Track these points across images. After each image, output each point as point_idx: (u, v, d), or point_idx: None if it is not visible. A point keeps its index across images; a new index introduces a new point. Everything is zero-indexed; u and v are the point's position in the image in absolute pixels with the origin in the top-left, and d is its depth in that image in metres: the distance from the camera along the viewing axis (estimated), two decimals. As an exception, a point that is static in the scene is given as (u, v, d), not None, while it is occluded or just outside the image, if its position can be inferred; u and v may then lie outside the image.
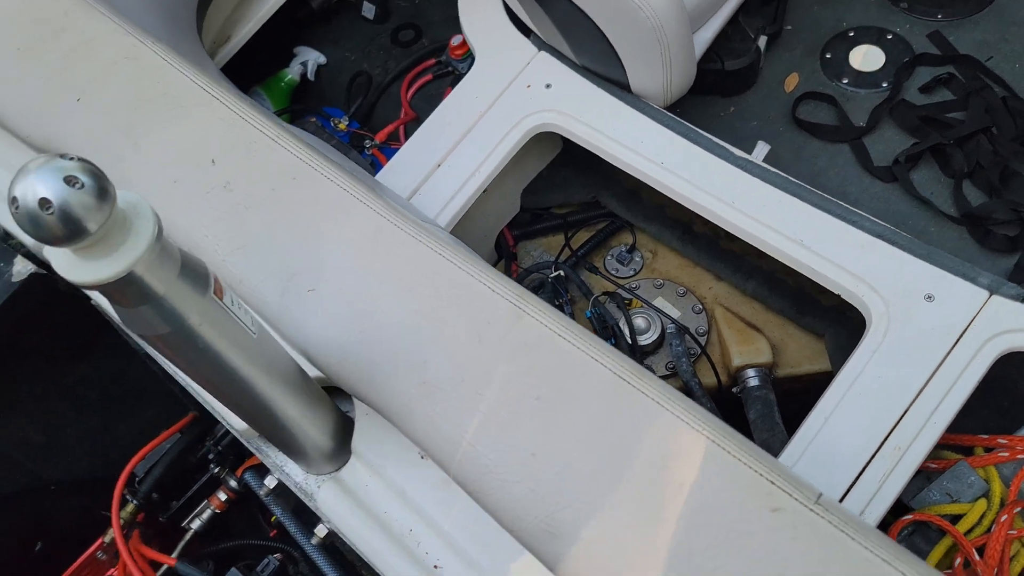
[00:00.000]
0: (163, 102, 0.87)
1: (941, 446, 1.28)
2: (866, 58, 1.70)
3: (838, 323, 1.43)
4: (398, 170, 1.46)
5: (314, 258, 0.75)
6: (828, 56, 1.73)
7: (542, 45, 1.52)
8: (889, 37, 1.72)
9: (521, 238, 1.70)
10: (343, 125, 1.70)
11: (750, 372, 1.45)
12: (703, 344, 1.51)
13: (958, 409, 1.12)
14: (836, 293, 1.26)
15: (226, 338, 0.60)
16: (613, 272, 1.63)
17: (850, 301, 1.25)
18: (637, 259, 1.64)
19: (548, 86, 1.48)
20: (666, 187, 1.38)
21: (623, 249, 1.64)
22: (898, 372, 1.16)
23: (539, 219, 1.70)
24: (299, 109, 1.83)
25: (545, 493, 0.62)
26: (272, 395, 0.68)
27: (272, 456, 0.82)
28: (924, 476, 1.25)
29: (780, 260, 1.30)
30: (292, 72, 1.89)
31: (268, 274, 0.75)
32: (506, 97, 1.49)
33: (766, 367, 1.46)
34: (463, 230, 1.48)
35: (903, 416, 1.13)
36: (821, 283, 1.27)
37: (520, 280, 1.61)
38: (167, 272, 0.55)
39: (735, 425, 1.41)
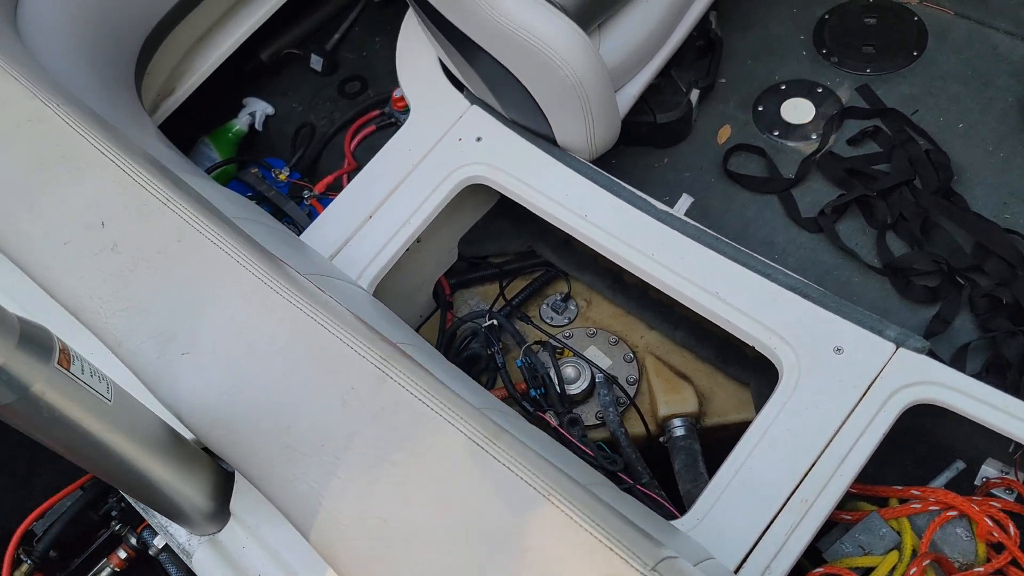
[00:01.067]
0: (62, 164, 0.89)
1: (857, 497, 1.30)
2: (796, 111, 1.75)
3: (761, 373, 1.45)
4: (330, 222, 1.48)
5: (192, 321, 0.76)
6: (760, 109, 1.77)
7: (474, 99, 1.55)
8: (819, 90, 1.77)
9: (458, 287, 1.72)
10: (283, 176, 1.73)
11: (676, 422, 1.46)
12: (632, 394, 1.52)
13: (864, 462, 1.14)
14: (751, 344, 1.28)
15: (76, 406, 0.61)
16: (548, 320, 1.65)
17: (763, 352, 1.27)
18: (572, 308, 1.66)
19: (479, 139, 1.51)
20: (589, 239, 1.40)
21: (558, 298, 1.66)
22: (807, 424, 1.17)
23: (476, 268, 1.72)
24: (244, 160, 1.85)
25: (393, 560, 0.63)
26: (136, 459, 0.69)
27: (156, 516, 0.82)
28: (842, 527, 1.27)
29: (698, 312, 1.32)
30: (240, 123, 1.92)
31: (147, 336, 0.76)
32: (438, 150, 1.52)
33: (692, 416, 1.47)
34: (395, 281, 1.50)
35: (811, 468, 1.15)
36: (736, 335, 1.29)
37: (455, 329, 1.62)
38: (5, 342, 0.56)
39: (664, 474, 1.43)
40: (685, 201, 1.50)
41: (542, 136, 1.49)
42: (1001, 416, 1.11)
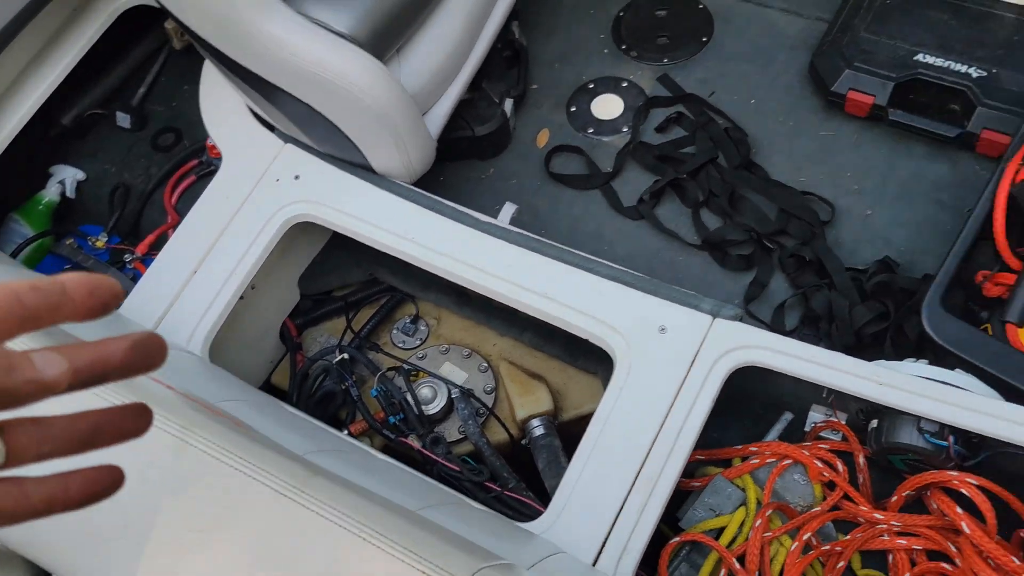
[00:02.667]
0: None
1: (703, 463, 1.38)
2: (606, 107, 1.83)
3: (607, 362, 1.50)
4: (152, 283, 1.44)
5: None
6: (573, 109, 1.85)
7: (287, 138, 1.54)
8: (624, 84, 1.86)
9: (305, 326, 1.70)
10: (101, 243, 1.66)
11: (534, 422, 1.51)
12: (490, 403, 1.55)
13: (699, 430, 1.21)
14: (585, 338, 1.33)
15: None
16: (401, 345, 1.66)
17: (598, 344, 1.33)
18: (422, 328, 1.67)
19: (297, 177, 1.51)
20: (420, 260, 1.42)
21: (407, 321, 1.67)
22: (643, 404, 1.24)
23: (321, 304, 1.70)
24: (58, 231, 1.77)
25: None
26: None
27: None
28: (696, 494, 1.34)
29: (534, 315, 1.37)
30: (50, 193, 1.83)
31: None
32: (257, 193, 1.51)
33: (549, 414, 1.52)
34: (234, 333, 1.47)
35: (652, 445, 1.21)
36: (572, 331, 1.35)
37: (306, 369, 1.61)
38: None
39: (533, 474, 1.47)
40: (508, 209, 1.54)
41: (359, 165, 1.50)
42: (808, 366, 1.21)
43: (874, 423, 1.28)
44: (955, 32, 1.65)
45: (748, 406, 1.43)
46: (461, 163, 1.80)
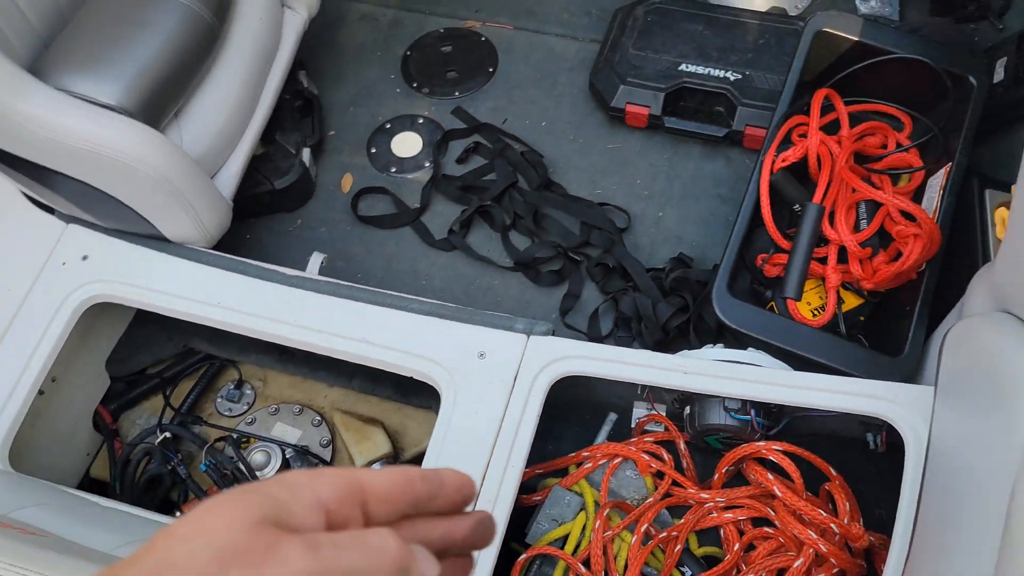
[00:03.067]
0: None
1: (543, 475, 1.42)
2: (405, 144, 1.86)
3: (438, 394, 1.53)
4: (-68, 395, 1.31)
5: None
6: (373, 151, 1.86)
7: (68, 218, 1.46)
8: (420, 121, 1.90)
9: (121, 410, 1.60)
10: None
11: (375, 467, 1.49)
12: (328, 456, 1.53)
13: (528, 447, 1.24)
14: (408, 376, 1.34)
15: None
16: (227, 413, 1.60)
17: (422, 379, 1.34)
18: (248, 392, 1.62)
19: (85, 257, 1.43)
20: (232, 324, 1.38)
21: (231, 387, 1.62)
22: (472, 431, 1.26)
23: (135, 385, 1.62)
24: None
25: None
26: None
27: None
28: (539, 508, 1.38)
29: (354, 361, 1.37)
30: None
31: None
32: (42, 280, 1.41)
33: (389, 456, 1.51)
34: (38, 431, 1.37)
35: (487, 469, 1.23)
36: (395, 371, 1.35)
37: (126, 456, 1.51)
38: None
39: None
40: (316, 259, 1.53)
41: (152, 236, 1.44)
42: (619, 367, 1.28)
43: (688, 410, 1.37)
44: (711, 41, 1.81)
45: (576, 414, 1.49)
46: (266, 218, 1.77)
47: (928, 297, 1.38)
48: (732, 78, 1.75)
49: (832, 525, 1.22)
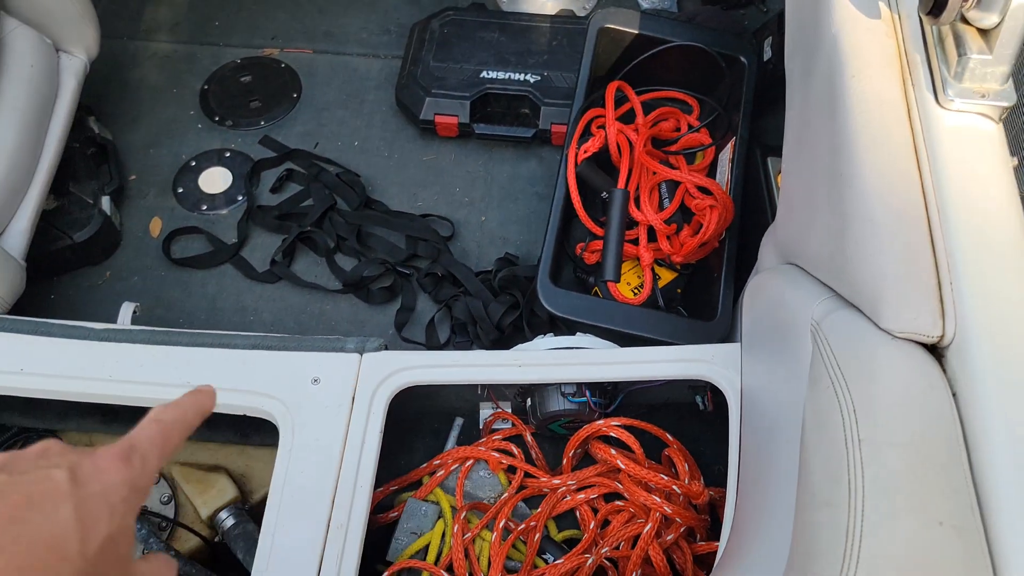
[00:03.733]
0: None
1: (399, 491, 1.41)
2: (214, 180, 1.80)
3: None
4: None
5: None
6: (180, 191, 1.79)
7: None
8: (228, 155, 1.84)
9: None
10: None
11: (222, 515, 1.43)
12: (170, 513, 1.44)
13: (374, 466, 1.23)
14: (242, 415, 1.30)
15: None
16: (51, 487, 1.48)
17: (258, 415, 1.30)
18: (73, 461, 1.51)
19: None
20: (43, 391, 1.28)
21: (52, 459, 1.49)
22: (315, 459, 1.23)
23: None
24: None
25: None
26: None
27: None
28: (397, 525, 1.36)
29: (182, 408, 1.30)
30: None
31: None
32: None
33: (236, 502, 1.45)
34: None
35: (334, 495, 1.21)
36: (228, 411, 1.30)
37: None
38: None
39: (237, 569, 1.39)
40: (126, 309, 1.45)
41: (-67, 309, 1.31)
42: (455, 371, 1.29)
43: (529, 401, 1.40)
44: (507, 47, 1.87)
45: (424, 424, 1.49)
46: (71, 274, 1.65)
47: (732, 262, 1.48)
48: (532, 80, 1.82)
49: (674, 487, 1.29)
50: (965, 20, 0.89)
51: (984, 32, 0.89)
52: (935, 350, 0.81)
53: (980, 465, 0.72)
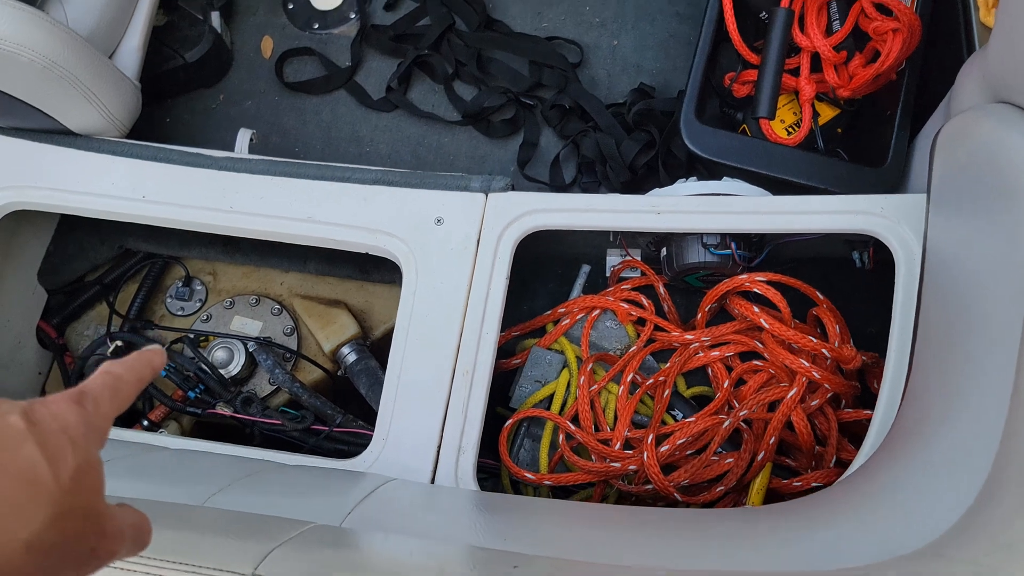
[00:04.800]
0: None
1: (521, 337, 1.36)
2: (325, -4, 1.67)
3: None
4: None
5: None
6: (291, 6, 1.67)
7: (-44, 122, 1.29)
8: (341, -32, 1.69)
9: (65, 324, 1.50)
10: None
11: (344, 350, 1.42)
12: (293, 345, 1.45)
13: (501, 309, 1.17)
14: (364, 253, 1.25)
15: None
16: (179, 312, 1.50)
17: (379, 254, 1.24)
18: (198, 288, 1.52)
19: (-14, 164, 1.27)
20: (164, 219, 1.26)
21: (179, 285, 1.51)
22: (440, 300, 1.18)
23: (75, 295, 1.50)
24: None
25: None
26: None
27: None
28: (520, 371, 1.32)
29: (304, 243, 1.26)
30: None
31: None
32: (-59, 197, 1.27)
33: (357, 338, 1.44)
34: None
35: (460, 339, 1.16)
36: (349, 248, 1.25)
37: (80, 369, 1.43)
38: None
39: (357, 401, 1.40)
40: (243, 136, 1.38)
41: (55, 131, 1.28)
42: (587, 216, 1.19)
43: (664, 251, 1.29)
44: None
45: (549, 269, 1.41)
46: (184, 97, 1.60)
47: (910, 99, 1.28)
48: None
49: (823, 350, 1.18)
50: None
51: None
52: None
53: None
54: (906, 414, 0.94)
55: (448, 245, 1.20)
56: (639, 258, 1.36)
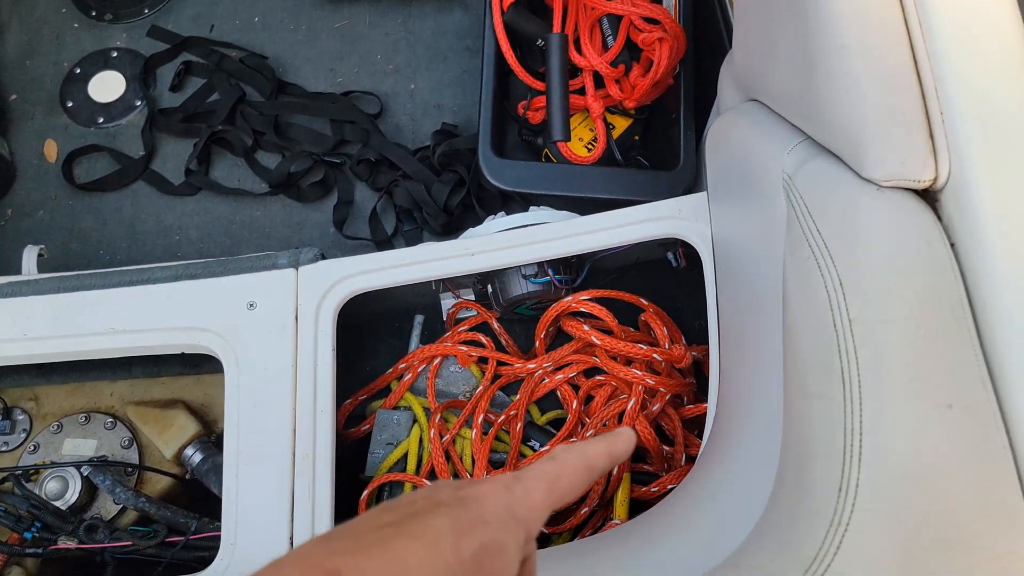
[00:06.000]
0: None
1: (368, 400, 1.33)
2: (106, 87, 1.59)
3: (229, 354, 1.38)
4: None
5: None
6: (71, 104, 1.58)
7: None
8: (115, 55, 1.62)
9: None
10: None
11: (188, 451, 1.35)
12: (134, 458, 1.37)
13: (332, 385, 1.14)
14: (180, 352, 1.19)
15: None
16: (3, 448, 1.39)
17: (197, 351, 1.19)
18: (20, 418, 1.41)
19: None
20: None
21: (-2, 420, 1.40)
22: (267, 388, 1.14)
23: None
24: None
25: None
26: None
27: None
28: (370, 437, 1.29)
29: (113, 355, 1.19)
30: None
31: None
32: None
33: (200, 436, 1.37)
34: None
35: (295, 423, 1.13)
36: (164, 351, 1.19)
37: None
38: None
39: (213, 500, 1.34)
40: (30, 255, 1.29)
41: None
42: (403, 271, 1.18)
43: (490, 287, 1.29)
44: None
45: (385, 325, 1.39)
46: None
47: (690, 100, 1.34)
48: (442, -85, 1.58)
49: (655, 355, 1.21)
50: None
51: None
52: (927, 195, 0.70)
53: (989, 328, 0.62)
54: (719, 407, 0.97)
55: (265, 329, 1.16)
56: (471, 298, 1.36)
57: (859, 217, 0.68)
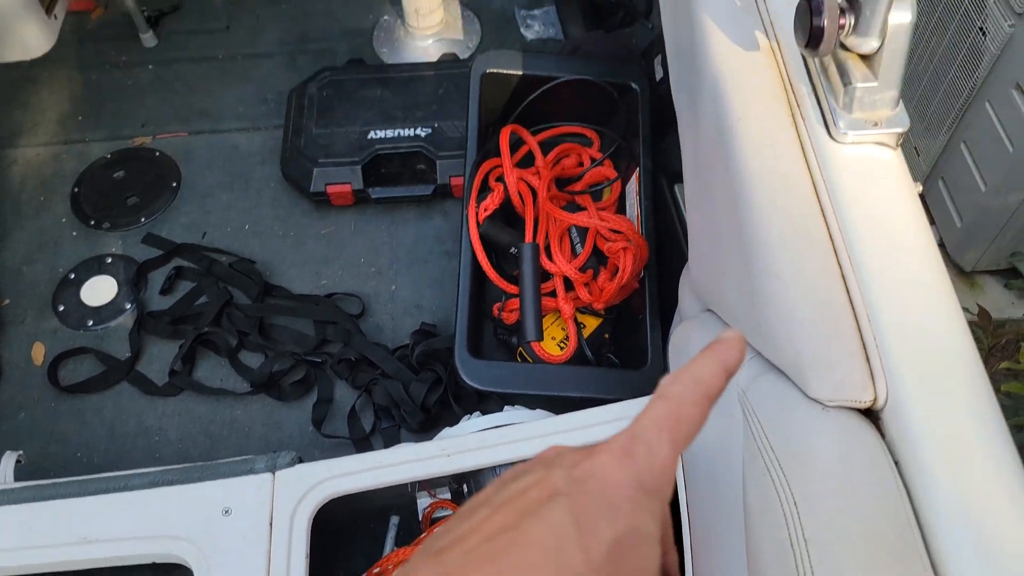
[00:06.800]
0: None
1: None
2: (98, 292, 1.66)
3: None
4: None
5: None
6: (62, 308, 1.64)
7: None
8: (109, 261, 1.71)
9: None
10: None
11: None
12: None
13: (305, 593, 1.12)
14: (152, 563, 1.17)
15: None
16: (-45, 669, 1.32)
17: (169, 561, 1.17)
18: (-23, 634, 1.36)
19: None
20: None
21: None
22: (239, 602, 1.12)
23: None
24: None
25: None
26: None
27: None
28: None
29: (83, 567, 1.17)
30: None
31: None
32: None
33: (165, 650, 1.32)
34: None
35: (265, 640, 1.10)
36: (135, 563, 1.18)
37: None
38: None
39: None
40: (7, 462, 1.30)
41: None
42: (378, 473, 1.19)
43: (466, 487, 1.30)
44: (392, 102, 1.78)
45: (360, 527, 1.38)
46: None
47: (655, 303, 1.42)
48: (423, 134, 1.73)
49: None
50: (845, 47, 0.83)
51: (866, 58, 0.83)
52: (870, 413, 0.74)
53: (935, 544, 0.65)
54: None
55: (239, 536, 1.16)
56: (447, 497, 1.36)
57: (808, 436, 0.72)
